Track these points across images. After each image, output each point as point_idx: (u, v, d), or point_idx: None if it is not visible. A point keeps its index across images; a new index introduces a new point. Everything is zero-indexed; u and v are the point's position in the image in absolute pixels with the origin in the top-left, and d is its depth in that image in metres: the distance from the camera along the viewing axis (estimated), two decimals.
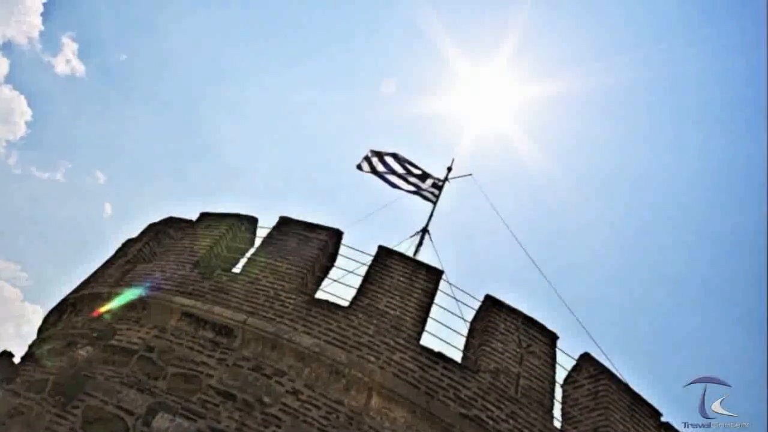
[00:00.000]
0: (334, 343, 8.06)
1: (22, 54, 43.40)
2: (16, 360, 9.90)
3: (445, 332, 9.20)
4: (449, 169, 17.18)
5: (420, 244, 15.15)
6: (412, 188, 16.61)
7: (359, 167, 16.75)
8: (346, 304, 8.74)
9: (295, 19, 44.13)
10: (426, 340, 8.59)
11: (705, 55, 34.79)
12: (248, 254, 9.79)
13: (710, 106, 37.42)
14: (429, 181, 16.72)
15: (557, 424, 8.81)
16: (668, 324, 35.96)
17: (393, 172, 16.64)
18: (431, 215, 16.00)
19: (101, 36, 44.73)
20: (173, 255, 9.97)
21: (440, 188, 16.69)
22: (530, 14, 35.63)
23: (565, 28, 39.39)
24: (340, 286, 9.85)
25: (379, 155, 16.81)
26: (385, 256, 9.53)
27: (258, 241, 10.12)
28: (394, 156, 16.82)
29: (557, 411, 8.94)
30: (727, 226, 35.97)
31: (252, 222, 10.59)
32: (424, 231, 15.53)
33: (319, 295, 9.23)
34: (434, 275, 9.41)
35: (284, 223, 10.06)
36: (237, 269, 9.52)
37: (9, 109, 44.07)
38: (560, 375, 9.43)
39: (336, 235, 9.99)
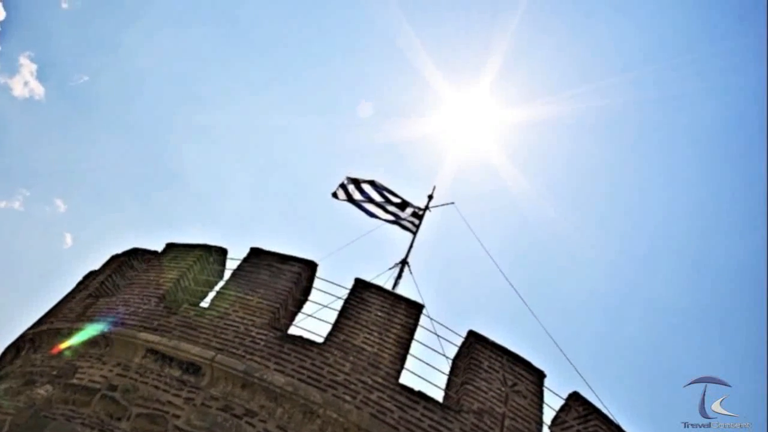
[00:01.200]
0: (308, 382, 8.14)
1: None
2: None
3: (426, 370, 9.22)
4: (430, 197, 17.40)
5: (399, 276, 15.27)
6: (391, 218, 16.70)
7: (335, 195, 16.70)
8: (320, 340, 8.80)
9: (267, 40, 44.51)
10: (405, 379, 8.67)
11: (697, 76, 35.57)
12: (217, 287, 9.82)
13: (704, 129, 38.16)
14: (409, 210, 16.83)
15: None
16: (661, 360, 36.22)
17: (371, 200, 16.71)
18: (411, 246, 16.16)
19: (61, 56, 44.69)
20: (138, 288, 10.04)
21: (421, 217, 16.83)
22: (515, 35, 36.22)
23: (551, 49, 40.07)
24: (314, 321, 9.93)
25: (356, 182, 16.83)
26: (362, 289, 9.63)
27: (227, 274, 10.19)
28: (372, 183, 16.88)
29: None
30: (723, 254, 36.48)
31: (221, 253, 10.70)
32: (404, 263, 15.65)
33: (292, 330, 9.31)
34: (414, 309, 9.49)
35: (255, 254, 10.17)
36: (205, 303, 9.60)
37: None
38: (548, 415, 9.53)
39: (310, 267, 10.10)
